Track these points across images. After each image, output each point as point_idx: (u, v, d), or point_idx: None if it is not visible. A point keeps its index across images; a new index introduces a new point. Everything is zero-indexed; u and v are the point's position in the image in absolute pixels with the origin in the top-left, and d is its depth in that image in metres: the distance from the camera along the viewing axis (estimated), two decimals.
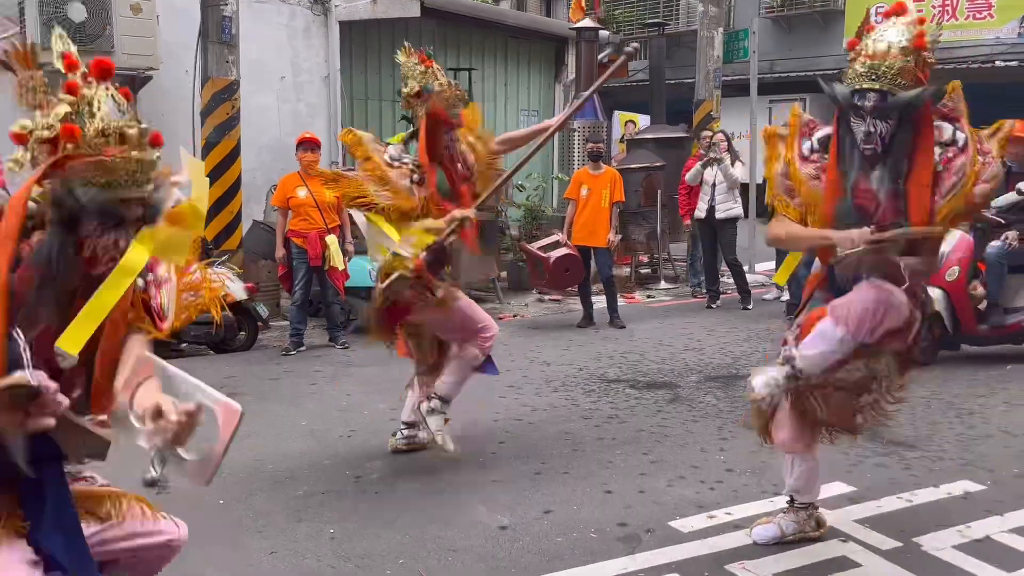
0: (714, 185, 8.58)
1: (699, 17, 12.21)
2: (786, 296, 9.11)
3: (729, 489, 4.05)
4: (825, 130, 3.08)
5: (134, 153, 1.83)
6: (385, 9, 10.27)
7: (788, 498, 3.47)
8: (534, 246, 8.38)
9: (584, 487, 4.08)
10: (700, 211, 8.74)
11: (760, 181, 14.36)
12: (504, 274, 9.79)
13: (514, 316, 8.64)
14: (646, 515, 3.73)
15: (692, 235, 9.44)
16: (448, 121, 4.08)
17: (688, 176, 8.83)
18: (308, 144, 6.92)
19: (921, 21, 2.81)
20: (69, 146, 1.79)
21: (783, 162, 3.11)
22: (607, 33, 13.43)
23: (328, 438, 4.85)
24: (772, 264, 11.54)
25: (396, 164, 4.05)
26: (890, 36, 2.77)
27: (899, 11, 2.85)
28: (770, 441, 3.38)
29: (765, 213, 8.92)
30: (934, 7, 17.46)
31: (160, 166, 1.91)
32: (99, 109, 1.83)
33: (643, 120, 13.58)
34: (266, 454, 4.50)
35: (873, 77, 2.75)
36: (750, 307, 8.79)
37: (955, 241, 6.03)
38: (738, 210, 8.77)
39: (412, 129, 4.22)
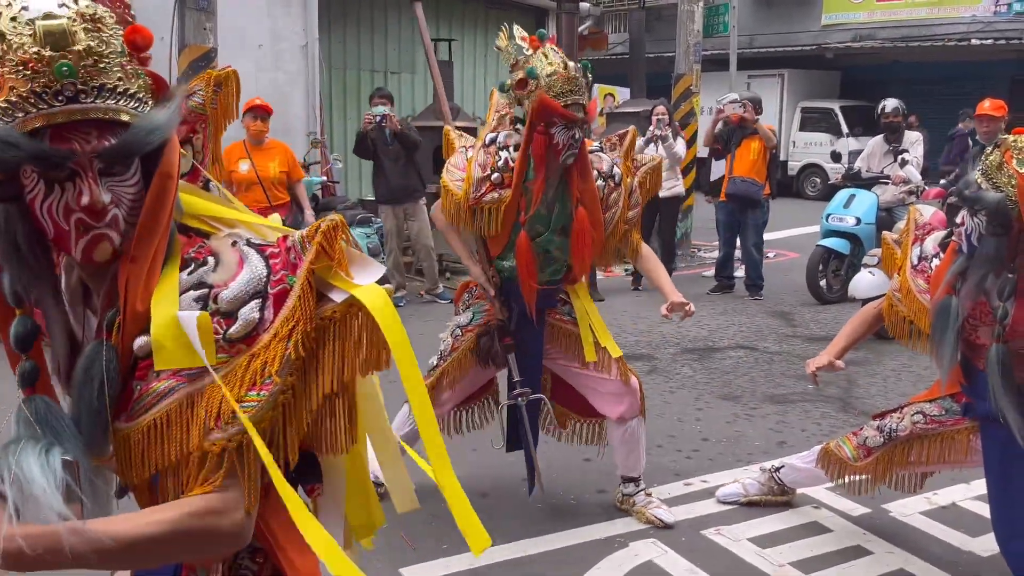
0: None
1: None
2: (740, 272, 9.14)
3: (705, 457, 4.14)
4: (939, 234, 2.73)
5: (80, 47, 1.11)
6: None
7: (773, 466, 3.55)
8: None
9: (563, 455, 4.14)
10: None
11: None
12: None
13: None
14: None
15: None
16: (561, 113, 2.96)
17: None
18: (258, 111, 6.37)
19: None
20: None
21: (897, 280, 2.81)
22: (587, 5, 13.38)
23: None
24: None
25: (490, 146, 3.16)
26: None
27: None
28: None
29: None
30: None
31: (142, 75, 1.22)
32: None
33: (622, 93, 13.57)
34: None
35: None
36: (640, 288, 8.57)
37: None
38: (680, 188, 8.58)
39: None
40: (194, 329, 1.16)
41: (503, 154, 3.10)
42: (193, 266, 1.23)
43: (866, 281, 6.39)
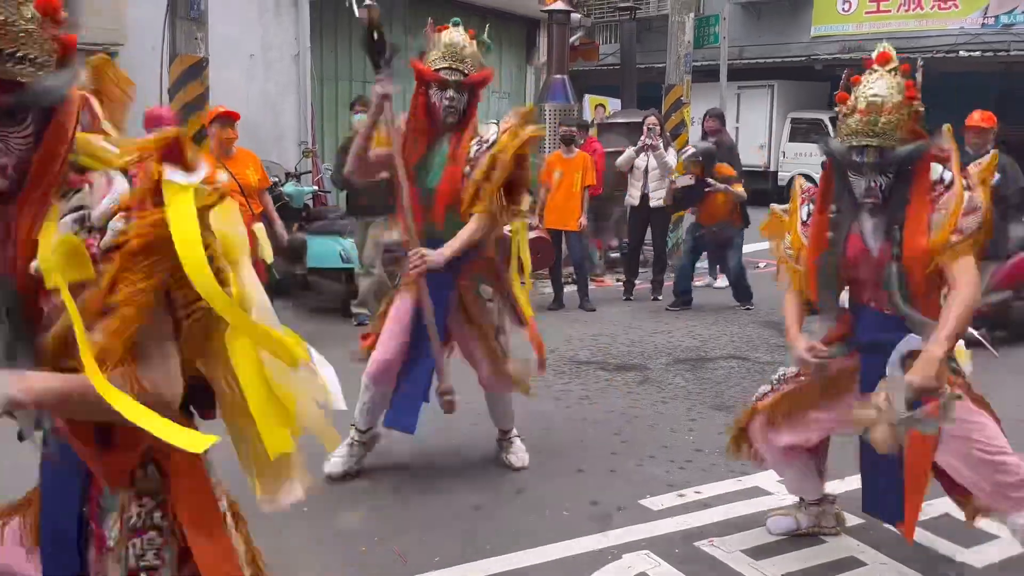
0: (647, 172, 8.18)
1: (670, 2, 12.24)
2: (720, 283, 9.16)
3: (698, 468, 4.13)
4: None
5: None
6: None
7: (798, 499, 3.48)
8: (506, 229, 8.38)
9: (556, 466, 4.13)
10: (633, 198, 8.34)
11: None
12: None
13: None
14: (617, 493, 3.80)
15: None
16: (428, 75, 3.63)
17: (619, 162, 8.45)
18: (225, 119, 6.19)
19: (906, 69, 2.83)
20: None
21: (787, 234, 3.15)
22: (578, 16, 13.43)
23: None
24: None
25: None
26: (879, 89, 2.77)
27: (883, 60, 2.85)
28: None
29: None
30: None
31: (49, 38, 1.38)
32: None
33: (613, 104, 13.62)
34: None
35: (870, 134, 2.74)
36: (660, 298, 8.48)
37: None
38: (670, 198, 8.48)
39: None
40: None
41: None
42: (72, 193, 1.42)
43: None
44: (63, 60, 1.41)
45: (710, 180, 7.90)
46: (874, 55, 2.90)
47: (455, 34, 3.68)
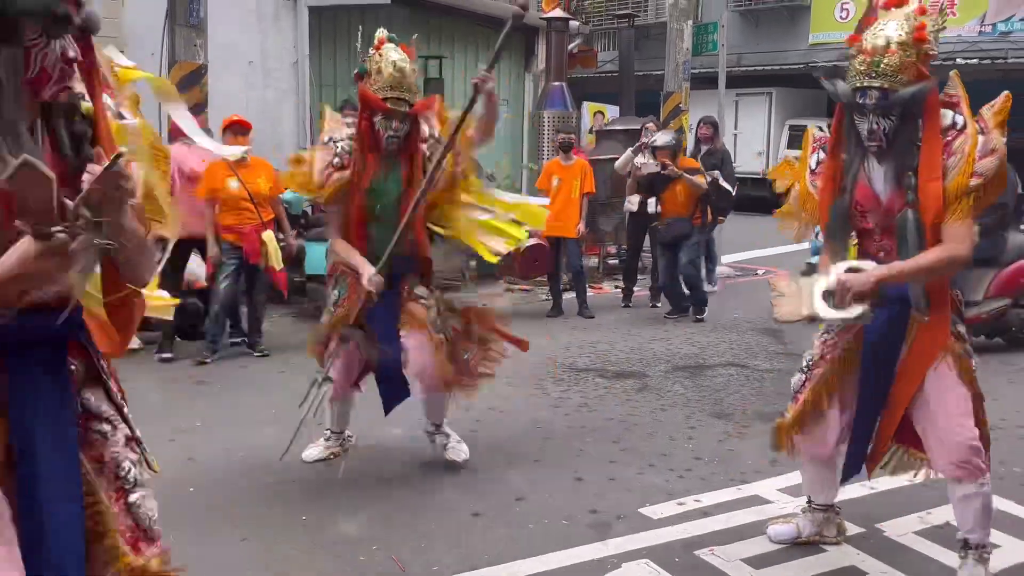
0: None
1: (669, 9, 12.28)
2: (710, 288, 9.12)
3: (697, 477, 4.12)
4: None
5: None
6: None
7: (807, 498, 3.43)
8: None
9: (555, 475, 4.12)
10: (631, 204, 8.26)
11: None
12: (472, 263, 9.79)
13: (483, 307, 8.65)
14: (617, 502, 3.78)
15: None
16: (378, 105, 3.62)
17: (617, 164, 8.41)
18: (237, 128, 6.25)
19: (922, 11, 2.75)
20: None
21: (796, 183, 3.14)
22: (577, 23, 13.46)
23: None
24: (739, 256, 11.71)
25: (327, 144, 3.78)
26: (889, 31, 2.70)
27: (899, 2, 2.78)
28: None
29: (734, 206, 8.97)
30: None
31: None
32: None
33: (611, 111, 13.65)
34: (236, 442, 4.47)
35: (873, 75, 2.69)
36: (658, 305, 8.48)
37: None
38: None
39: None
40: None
41: (339, 145, 3.72)
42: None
43: None
44: None
45: (668, 164, 7.73)
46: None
47: (397, 57, 3.66)
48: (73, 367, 1.78)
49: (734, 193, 9.27)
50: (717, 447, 4.54)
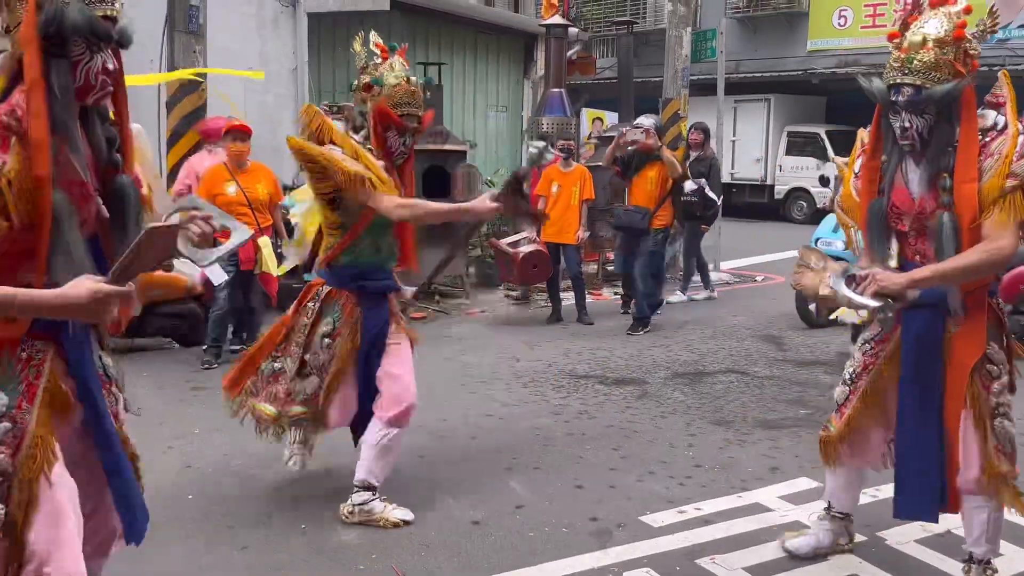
0: None
1: (668, 16, 12.30)
2: (701, 295, 9.10)
3: (698, 484, 4.10)
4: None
5: None
6: (354, 2, 10.20)
7: (826, 504, 3.36)
8: (503, 242, 8.37)
9: (555, 482, 4.10)
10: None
11: (726, 179, 14.50)
12: (472, 270, 9.79)
13: (482, 312, 8.64)
14: (617, 510, 3.77)
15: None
16: (396, 122, 3.49)
17: (604, 156, 8.27)
18: (237, 132, 6.22)
19: (968, 10, 2.69)
20: None
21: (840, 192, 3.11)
22: (576, 30, 13.47)
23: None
24: (738, 262, 11.72)
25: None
26: (928, 28, 2.64)
27: (939, 2, 2.70)
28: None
29: (730, 212, 8.91)
30: (896, 11, 17.79)
31: None
32: None
33: (610, 117, 13.66)
34: (235, 449, 4.45)
35: (906, 71, 2.63)
36: (658, 312, 8.24)
37: None
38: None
39: (364, 131, 3.61)
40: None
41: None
42: None
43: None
44: None
45: (651, 134, 7.52)
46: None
47: (405, 71, 3.57)
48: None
49: (719, 202, 9.29)
50: (717, 454, 4.53)
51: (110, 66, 1.87)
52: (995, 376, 2.76)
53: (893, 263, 2.87)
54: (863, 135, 3.05)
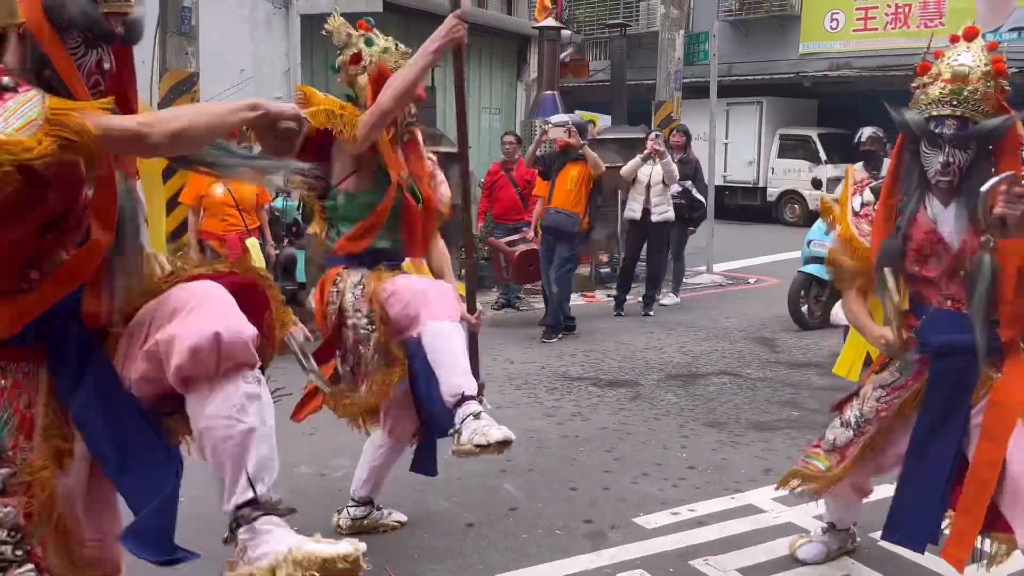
0: (649, 186, 8.11)
1: (660, 19, 12.33)
2: (668, 300, 9.07)
3: (691, 486, 4.11)
4: (878, 182, 2.89)
5: None
6: (347, 3, 10.16)
7: (827, 524, 3.34)
8: (501, 241, 8.35)
9: (549, 484, 4.10)
10: (634, 212, 8.23)
11: (719, 182, 14.54)
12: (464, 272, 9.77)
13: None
14: (611, 512, 3.77)
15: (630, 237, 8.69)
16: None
17: (624, 170, 8.31)
18: None
19: (993, 47, 2.63)
20: None
21: (838, 225, 2.92)
22: (569, 32, 13.49)
23: (291, 436, 4.79)
24: (730, 265, 11.74)
25: None
26: (968, 60, 2.55)
27: (971, 35, 2.65)
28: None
29: (722, 215, 8.94)
30: (887, 15, 17.89)
31: None
32: None
33: (603, 120, 13.67)
34: None
35: (954, 103, 2.51)
36: (651, 314, 8.44)
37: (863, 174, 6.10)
38: (671, 213, 8.29)
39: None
40: None
41: None
42: None
43: None
44: None
45: (573, 132, 7.36)
46: (959, 31, 2.68)
47: (386, 39, 3.31)
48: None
49: (706, 204, 9.34)
50: (711, 456, 4.53)
51: (105, 65, 1.78)
52: None
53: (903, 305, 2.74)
54: (855, 172, 3.01)
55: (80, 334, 1.84)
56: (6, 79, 1.60)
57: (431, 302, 2.85)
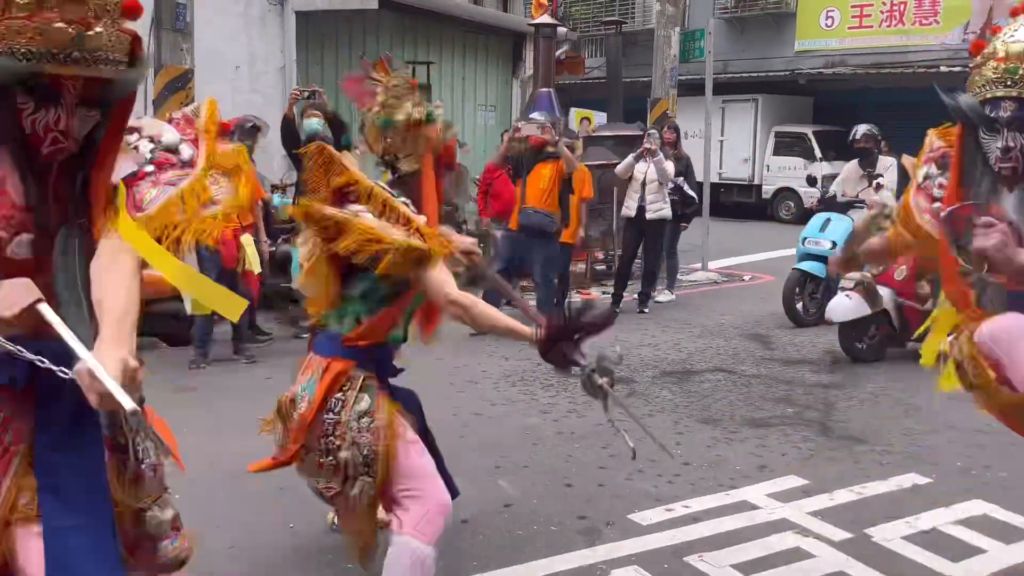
0: (644, 183, 8.14)
1: (656, 16, 12.34)
2: (663, 297, 9.08)
3: (686, 482, 4.12)
4: (944, 151, 2.64)
5: (78, 19, 1.60)
6: (342, 0, 10.18)
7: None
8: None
9: (544, 480, 4.11)
10: (629, 210, 8.27)
11: (714, 179, 14.54)
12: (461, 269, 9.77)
13: None
14: (605, 508, 3.78)
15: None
16: (454, 164, 3.10)
17: (618, 169, 8.36)
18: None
19: None
20: None
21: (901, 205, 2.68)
22: (564, 29, 13.49)
23: None
24: (725, 262, 11.75)
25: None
26: (1020, 34, 2.35)
27: None
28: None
29: (717, 212, 8.96)
30: (882, 12, 17.92)
31: (135, 42, 1.73)
32: None
33: (599, 117, 13.69)
34: (223, 449, 4.43)
35: (1009, 83, 2.33)
36: (647, 311, 8.45)
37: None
38: (667, 211, 8.32)
39: (399, 175, 2.87)
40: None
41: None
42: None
43: (843, 305, 6.44)
44: (134, 56, 1.73)
45: (549, 130, 7.36)
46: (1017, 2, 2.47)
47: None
48: None
49: (698, 200, 9.38)
50: (705, 452, 4.54)
51: (62, 125, 1.66)
52: None
53: None
54: (933, 136, 2.73)
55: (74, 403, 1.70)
56: None
57: (429, 511, 2.65)
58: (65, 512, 1.73)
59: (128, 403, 1.50)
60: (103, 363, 1.52)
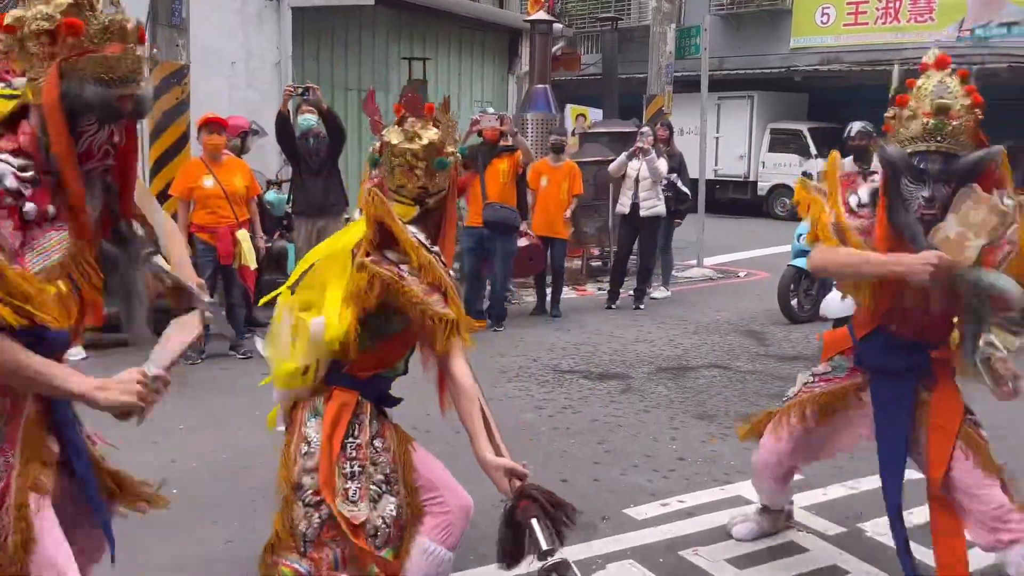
0: (638, 180, 8.18)
1: (652, 13, 12.34)
2: (658, 293, 9.10)
3: (681, 477, 4.14)
4: (871, 185, 2.78)
5: (131, 48, 1.90)
6: None
7: (760, 506, 3.49)
8: None
9: (539, 476, 4.09)
10: (623, 207, 8.34)
11: (709, 176, 14.55)
12: (457, 265, 9.79)
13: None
14: (601, 503, 3.80)
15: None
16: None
17: (611, 167, 8.42)
18: (213, 125, 6.23)
19: (963, 75, 2.60)
20: (70, 40, 1.79)
21: (833, 215, 2.80)
22: (560, 26, 13.48)
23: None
24: (720, 258, 11.78)
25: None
26: (945, 93, 2.52)
27: (942, 64, 2.60)
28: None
29: (713, 208, 8.98)
30: (877, 9, 17.94)
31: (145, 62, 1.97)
32: (98, 3, 1.87)
33: (594, 114, 13.69)
34: (219, 445, 4.45)
35: (938, 138, 2.49)
36: (642, 307, 8.50)
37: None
38: (661, 208, 8.37)
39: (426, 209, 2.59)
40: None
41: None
42: None
43: (838, 301, 6.45)
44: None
45: (507, 121, 7.51)
46: (929, 59, 2.65)
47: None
48: None
49: (690, 196, 9.45)
50: (700, 448, 4.57)
51: (116, 138, 1.91)
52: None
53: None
54: (840, 163, 2.89)
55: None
56: (51, 208, 1.84)
57: (450, 516, 2.77)
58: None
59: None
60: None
